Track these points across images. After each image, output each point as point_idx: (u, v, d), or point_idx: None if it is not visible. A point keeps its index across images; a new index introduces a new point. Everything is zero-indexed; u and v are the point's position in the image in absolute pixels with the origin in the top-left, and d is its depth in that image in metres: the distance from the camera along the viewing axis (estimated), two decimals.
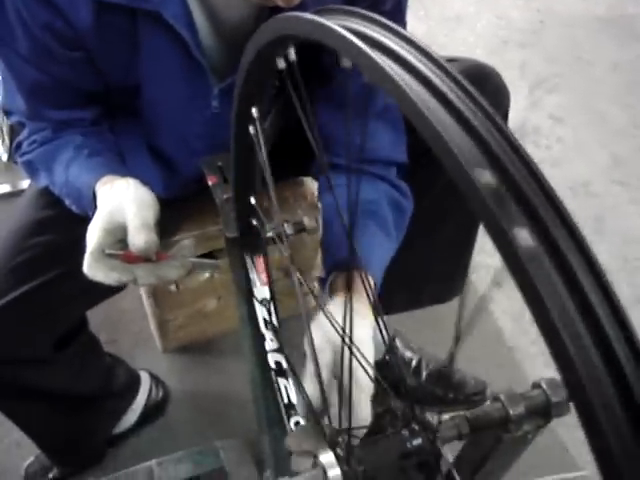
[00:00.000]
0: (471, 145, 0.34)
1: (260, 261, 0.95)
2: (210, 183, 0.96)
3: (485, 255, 2.10)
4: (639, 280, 2.08)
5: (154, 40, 0.97)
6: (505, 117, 1.26)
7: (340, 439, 0.61)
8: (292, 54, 0.54)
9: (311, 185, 1.49)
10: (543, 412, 0.66)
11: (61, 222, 1.13)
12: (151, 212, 0.88)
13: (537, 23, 2.97)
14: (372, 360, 0.87)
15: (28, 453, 1.60)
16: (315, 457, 0.60)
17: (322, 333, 0.87)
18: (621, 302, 0.37)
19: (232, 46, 1.02)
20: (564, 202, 0.36)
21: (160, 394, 1.66)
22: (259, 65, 0.58)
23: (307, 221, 0.93)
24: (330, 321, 0.78)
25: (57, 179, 1.06)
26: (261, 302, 0.97)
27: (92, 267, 0.87)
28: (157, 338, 1.74)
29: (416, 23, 1.30)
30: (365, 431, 0.68)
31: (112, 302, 1.40)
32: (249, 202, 0.87)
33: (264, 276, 0.96)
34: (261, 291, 0.96)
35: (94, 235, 0.87)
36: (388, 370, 1.19)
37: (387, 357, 1.37)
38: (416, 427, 0.62)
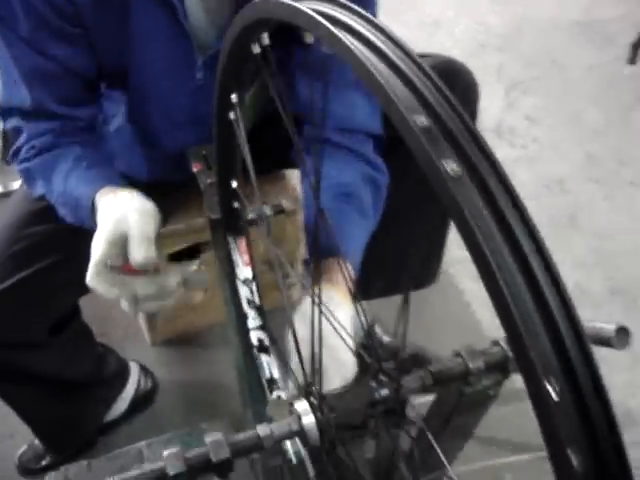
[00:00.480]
0: (409, 95, 0.40)
1: (242, 243, 1.01)
2: (195, 170, 1.02)
3: (462, 249, 2.17)
4: (613, 273, 2.15)
5: (144, 5, 1.03)
6: (474, 112, 1.33)
7: (313, 389, 0.67)
8: (265, 39, 0.60)
9: (293, 179, 1.55)
10: (501, 367, 0.72)
11: (52, 214, 1.17)
12: (152, 223, 0.91)
13: (514, 28, 3.05)
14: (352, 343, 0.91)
15: (21, 443, 1.65)
16: (291, 406, 0.66)
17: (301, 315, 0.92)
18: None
19: (217, 19, 1.09)
20: (486, 140, 0.42)
21: (149, 384, 1.71)
22: (237, 51, 0.64)
23: (285, 203, 0.98)
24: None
25: (55, 188, 1.09)
26: (244, 282, 1.03)
27: (94, 280, 0.91)
28: (145, 331, 1.80)
29: (395, 27, 1.36)
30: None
31: (100, 300, 1.45)
32: (231, 186, 0.93)
33: (246, 257, 1.02)
34: (243, 271, 1.02)
35: (99, 246, 0.90)
36: (367, 353, 1.26)
37: (366, 341, 1.43)
38: (383, 378, 0.68)
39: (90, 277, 0.91)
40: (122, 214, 0.91)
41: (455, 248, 2.14)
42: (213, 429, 1.44)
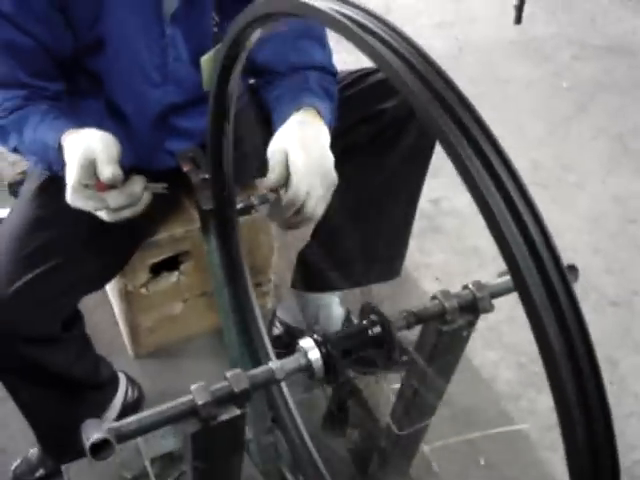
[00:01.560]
0: (401, 65, 0.53)
1: None
2: (185, 169, 1.12)
3: (424, 255, 2.30)
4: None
5: None
6: None
7: (316, 329, 0.77)
8: None
9: None
10: (472, 308, 0.84)
11: (56, 220, 1.33)
12: (114, 149, 1.13)
13: (456, 50, 3.23)
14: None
15: (13, 458, 1.71)
16: (297, 344, 0.77)
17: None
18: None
19: None
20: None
21: (136, 394, 1.78)
22: (237, 44, 0.75)
23: (271, 195, 1.09)
24: None
25: (25, 139, 1.26)
26: None
27: (73, 197, 1.12)
28: (129, 344, 1.87)
29: (346, 55, 1.50)
30: None
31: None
32: (222, 179, 1.04)
33: None
34: None
35: (72, 171, 1.11)
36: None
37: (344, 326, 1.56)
38: (375, 319, 0.79)
39: (69, 196, 1.12)
40: (88, 143, 1.11)
41: (418, 254, 2.27)
42: None
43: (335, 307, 1.73)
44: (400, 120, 1.41)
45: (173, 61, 1.32)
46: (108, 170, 1.10)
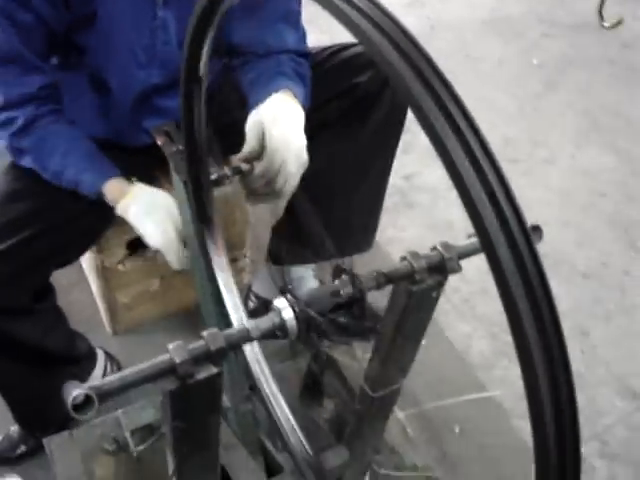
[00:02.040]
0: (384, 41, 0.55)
1: None
2: (159, 143, 1.14)
3: (397, 230, 2.34)
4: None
5: None
6: None
7: (290, 289, 0.80)
8: None
9: None
10: (440, 268, 0.86)
11: (30, 193, 1.36)
12: (170, 223, 1.24)
13: (428, 28, 3.26)
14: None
15: None
16: (271, 303, 0.79)
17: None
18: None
19: None
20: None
21: (115, 370, 1.80)
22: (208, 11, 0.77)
23: (244, 166, 1.12)
24: None
25: (50, 168, 1.31)
26: None
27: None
28: (106, 321, 1.89)
29: (320, 35, 1.52)
30: None
31: (61, 294, 1.56)
32: (195, 150, 1.06)
33: None
34: None
35: (169, 254, 1.26)
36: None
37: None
38: (346, 279, 0.81)
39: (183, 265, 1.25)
40: (163, 228, 1.24)
41: (391, 229, 2.31)
42: None
43: (310, 280, 1.77)
44: (372, 94, 1.45)
45: (162, 44, 1.35)
46: (175, 264, 1.27)
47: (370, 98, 1.45)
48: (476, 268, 0.92)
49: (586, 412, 1.92)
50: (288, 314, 0.78)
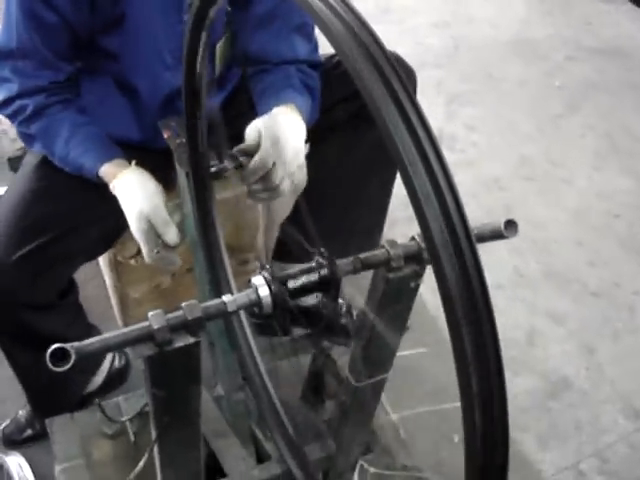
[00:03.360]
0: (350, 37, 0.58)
1: None
2: (165, 136, 1.19)
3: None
4: (546, 259, 2.36)
5: None
6: (414, 94, 1.57)
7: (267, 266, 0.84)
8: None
9: None
10: (418, 258, 0.90)
11: (55, 192, 1.42)
12: (161, 199, 1.24)
13: (451, 48, 3.30)
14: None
15: (2, 420, 1.78)
16: (249, 281, 0.83)
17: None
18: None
19: None
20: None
21: (122, 361, 1.85)
22: None
23: (245, 160, 1.16)
24: None
25: (56, 153, 1.36)
26: None
27: (155, 263, 1.27)
28: (118, 315, 1.94)
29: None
30: None
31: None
32: (196, 144, 1.11)
33: None
34: None
35: (142, 245, 1.25)
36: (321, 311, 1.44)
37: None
38: (322, 262, 0.85)
39: (151, 261, 1.26)
40: (138, 210, 1.22)
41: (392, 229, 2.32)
42: None
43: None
44: None
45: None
46: (172, 237, 1.22)
47: None
48: None
49: (588, 429, 1.92)
50: (264, 291, 0.82)
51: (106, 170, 1.31)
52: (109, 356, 1.81)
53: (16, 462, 1.47)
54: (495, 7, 3.62)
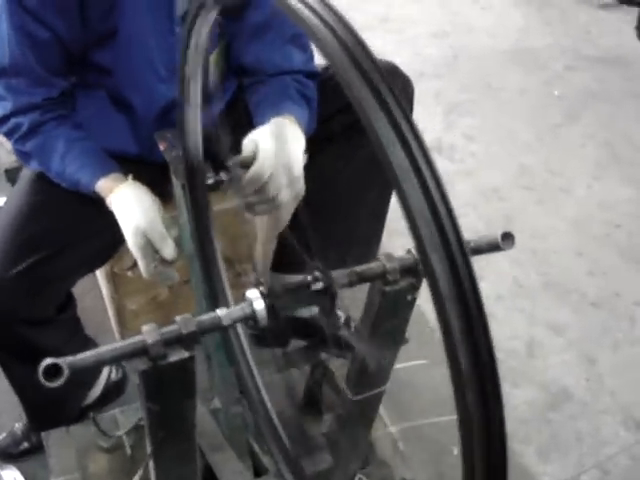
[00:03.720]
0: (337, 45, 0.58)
1: None
2: (161, 148, 1.19)
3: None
4: (545, 269, 2.35)
5: None
6: (411, 104, 1.57)
7: (263, 281, 0.83)
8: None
9: None
10: (414, 271, 0.89)
11: (52, 207, 1.41)
12: (157, 216, 1.23)
13: (450, 58, 3.31)
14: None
15: (6, 423, 1.78)
16: (244, 295, 0.83)
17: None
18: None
19: None
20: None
21: (120, 374, 1.84)
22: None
23: (241, 172, 1.16)
24: None
25: (52, 169, 1.35)
26: None
27: (151, 278, 1.27)
28: (115, 327, 1.93)
29: None
30: None
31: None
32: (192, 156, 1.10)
33: None
34: None
35: (139, 259, 1.24)
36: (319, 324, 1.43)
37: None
38: (318, 275, 0.85)
39: (147, 276, 1.26)
40: (135, 226, 1.22)
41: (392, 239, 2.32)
42: None
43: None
44: None
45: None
46: (169, 252, 1.22)
47: None
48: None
49: (589, 441, 1.91)
50: (259, 305, 0.81)
51: (102, 185, 1.30)
52: (106, 368, 1.81)
53: (12, 477, 1.45)
54: (494, 17, 3.63)
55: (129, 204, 1.25)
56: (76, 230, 1.41)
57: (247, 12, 1.39)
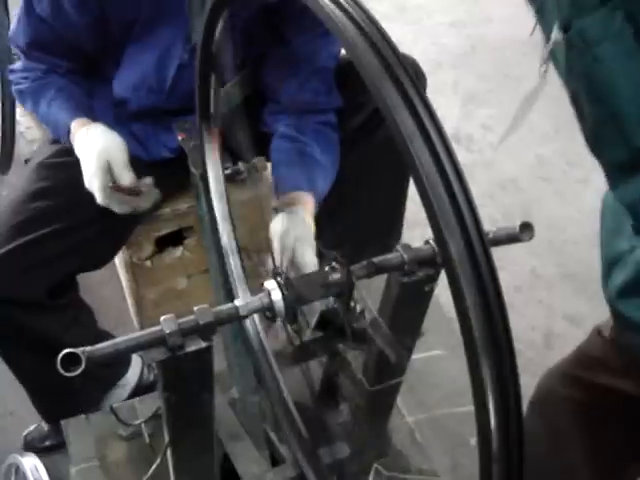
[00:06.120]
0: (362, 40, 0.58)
1: None
2: (179, 138, 1.19)
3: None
4: (563, 259, 2.34)
5: None
6: None
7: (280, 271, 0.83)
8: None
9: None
10: (431, 262, 0.89)
11: (53, 192, 1.44)
12: (126, 152, 1.29)
13: (468, 48, 3.29)
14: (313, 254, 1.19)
15: (21, 420, 1.79)
16: (262, 285, 0.83)
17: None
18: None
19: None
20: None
21: (151, 377, 1.82)
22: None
23: (258, 162, 1.16)
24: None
25: (40, 111, 1.44)
26: None
27: (106, 201, 1.29)
28: (134, 317, 1.95)
29: None
30: None
31: (94, 291, 1.62)
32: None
33: None
34: None
35: (94, 175, 1.27)
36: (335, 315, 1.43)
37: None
38: (336, 266, 0.85)
39: (102, 200, 1.28)
40: (102, 145, 1.28)
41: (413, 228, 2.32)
42: None
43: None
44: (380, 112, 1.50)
45: (181, 82, 1.43)
46: (127, 176, 1.28)
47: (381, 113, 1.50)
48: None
49: None
50: (277, 295, 0.81)
51: (79, 122, 1.37)
52: (135, 369, 1.79)
53: (31, 463, 1.47)
54: (512, 6, 3.58)
55: (101, 133, 1.31)
56: (71, 214, 1.43)
57: (287, 41, 1.43)
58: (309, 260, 1.18)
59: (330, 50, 1.44)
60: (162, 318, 0.78)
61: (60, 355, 0.68)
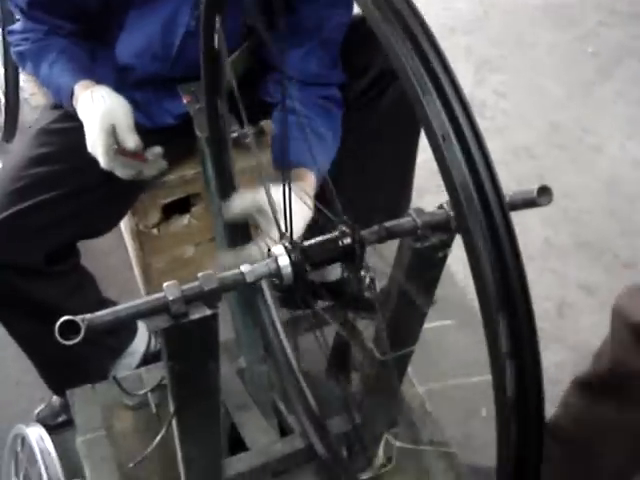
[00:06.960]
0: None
1: None
2: (185, 101, 1.16)
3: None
4: (577, 229, 2.30)
5: None
6: None
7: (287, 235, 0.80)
8: None
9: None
10: (445, 227, 0.85)
11: (54, 158, 1.41)
12: (131, 115, 1.25)
13: (481, 13, 3.22)
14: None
15: (29, 391, 1.78)
16: (269, 250, 0.80)
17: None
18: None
19: None
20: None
21: (159, 345, 1.80)
22: None
23: (266, 125, 1.13)
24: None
25: (41, 73, 1.40)
26: None
27: (110, 164, 1.24)
28: (141, 285, 1.92)
29: None
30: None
31: (100, 259, 1.59)
32: (217, 108, 1.07)
33: None
34: None
35: (98, 138, 1.22)
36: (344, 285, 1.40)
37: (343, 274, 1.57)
38: (346, 229, 0.81)
39: (105, 163, 1.24)
40: (107, 107, 1.23)
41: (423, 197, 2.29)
42: None
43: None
44: (385, 76, 1.46)
45: (188, 49, 1.38)
46: (132, 139, 1.23)
47: (386, 77, 1.46)
48: None
49: None
50: (284, 261, 0.78)
51: (82, 84, 1.32)
52: (142, 337, 1.77)
53: (37, 433, 1.45)
54: None
55: (106, 95, 1.27)
56: (72, 180, 1.40)
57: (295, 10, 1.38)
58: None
59: (337, 21, 1.39)
60: (165, 285, 0.75)
61: (58, 323, 0.65)
